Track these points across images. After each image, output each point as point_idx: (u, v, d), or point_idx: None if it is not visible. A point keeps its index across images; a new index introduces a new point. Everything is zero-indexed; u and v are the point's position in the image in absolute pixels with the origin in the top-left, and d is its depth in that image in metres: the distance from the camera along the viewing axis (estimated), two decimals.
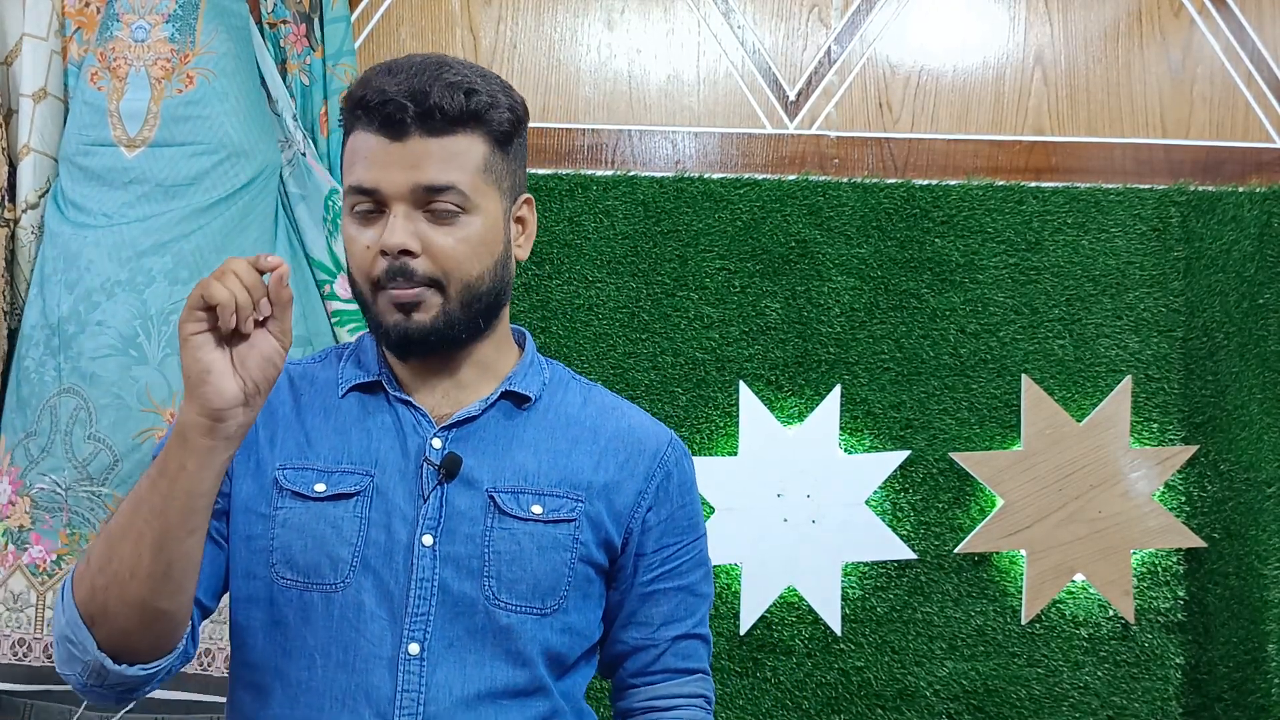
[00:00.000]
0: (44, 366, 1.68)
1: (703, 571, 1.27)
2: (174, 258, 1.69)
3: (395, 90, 1.06)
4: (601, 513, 1.17)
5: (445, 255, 1.09)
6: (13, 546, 1.72)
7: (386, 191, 1.08)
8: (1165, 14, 2.09)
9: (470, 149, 1.10)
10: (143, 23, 1.75)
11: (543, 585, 1.13)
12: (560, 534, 1.14)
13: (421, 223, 1.09)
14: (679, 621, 1.23)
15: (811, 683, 1.97)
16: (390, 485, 1.12)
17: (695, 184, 1.99)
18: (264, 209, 1.78)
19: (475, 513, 1.12)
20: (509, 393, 1.18)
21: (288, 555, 1.11)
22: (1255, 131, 2.09)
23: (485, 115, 1.10)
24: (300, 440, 1.15)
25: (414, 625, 1.09)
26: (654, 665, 1.23)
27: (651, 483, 1.21)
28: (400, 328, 1.10)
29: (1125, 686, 2.01)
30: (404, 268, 1.08)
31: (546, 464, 1.16)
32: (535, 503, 1.14)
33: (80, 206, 1.71)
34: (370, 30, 2.01)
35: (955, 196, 2.02)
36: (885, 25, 2.07)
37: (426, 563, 1.10)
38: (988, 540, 1.98)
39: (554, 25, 2.04)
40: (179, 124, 1.72)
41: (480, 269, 1.12)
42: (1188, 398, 2.04)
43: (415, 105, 1.06)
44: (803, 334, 2.00)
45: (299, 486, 1.12)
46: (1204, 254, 2.04)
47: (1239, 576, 1.99)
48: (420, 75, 1.08)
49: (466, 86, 1.09)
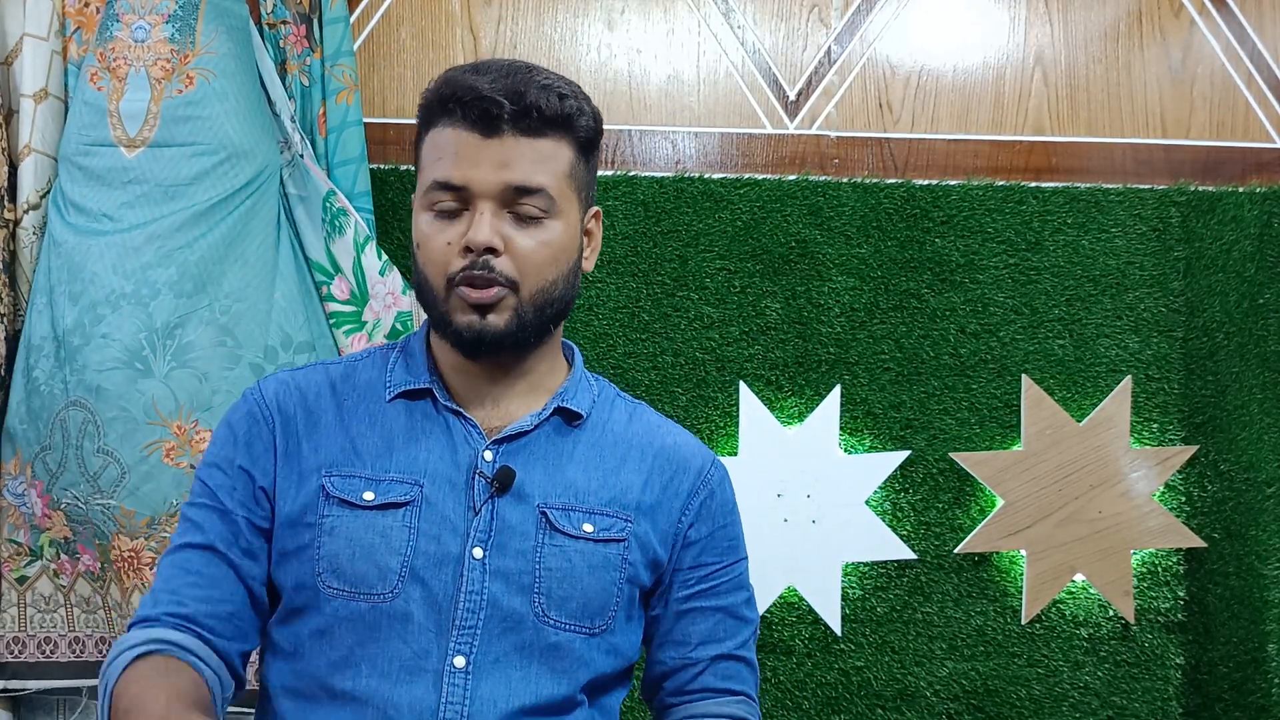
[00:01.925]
0: (53, 379, 1.69)
1: (745, 596, 1.24)
2: (178, 269, 1.68)
3: (490, 88, 1.05)
4: (649, 533, 1.17)
5: (526, 257, 1.08)
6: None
7: (476, 188, 1.07)
8: (1165, 14, 2.09)
9: (559, 153, 1.09)
10: (143, 23, 1.75)
11: (593, 605, 1.12)
12: (610, 553, 1.14)
13: (505, 223, 1.08)
14: (718, 642, 1.21)
15: (811, 683, 1.97)
16: (440, 496, 1.11)
17: (695, 184, 1.99)
18: (265, 213, 1.77)
19: (527, 528, 1.11)
20: (561, 409, 1.17)
21: (335, 564, 1.10)
22: (1255, 131, 2.09)
23: (575, 121, 1.10)
24: (346, 446, 1.14)
25: (461, 638, 1.08)
26: (692, 684, 1.21)
27: (695, 500, 1.20)
28: (474, 329, 1.09)
29: (1125, 686, 2.01)
30: (486, 265, 1.07)
31: (596, 482, 1.16)
32: (586, 521, 1.13)
33: (80, 208, 1.71)
34: (370, 31, 2.01)
35: (955, 196, 2.02)
36: (885, 25, 2.07)
37: (476, 575, 1.09)
38: (988, 540, 1.98)
39: (554, 25, 2.04)
40: (179, 124, 1.72)
41: (556, 274, 1.11)
42: (1188, 398, 2.04)
43: (511, 103, 1.05)
44: (803, 334, 2.00)
45: (347, 494, 1.11)
46: (1204, 254, 2.04)
47: (1239, 576, 1.99)
48: (513, 76, 1.07)
49: (559, 90, 1.08)
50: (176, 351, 1.67)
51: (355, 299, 1.83)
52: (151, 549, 1.69)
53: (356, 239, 1.81)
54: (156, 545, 1.68)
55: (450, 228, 1.08)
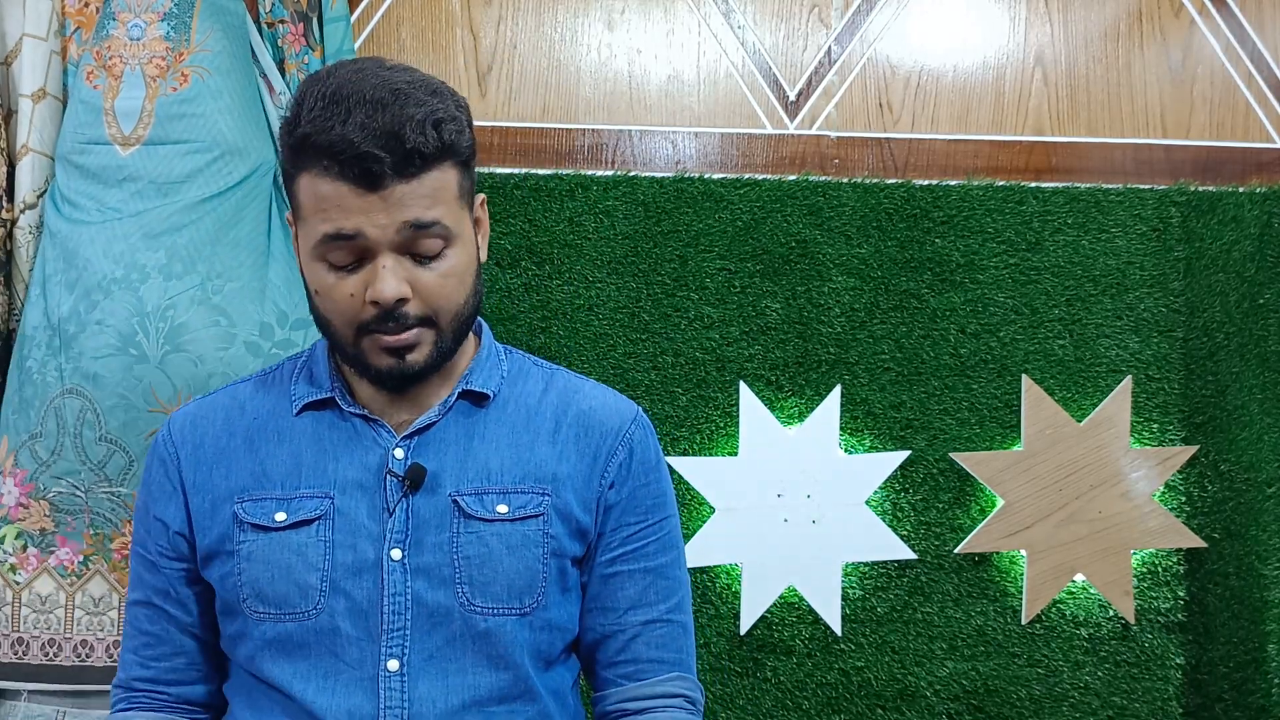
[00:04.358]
0: (46, 367, 1.68)
1: (674, 555, 1.21)
2: (167, 252, 1.68)
3: (363, 139, 0.98)
4: (570, 502, 1.14)
5: (435, 294, 1.06)
6: (34, 549, 1.71)
7: (373, 239, 1.02)
8: (1165, 14, 2.09)
9: (445, 180, 1.05)
10: (138, 21, 1.74)
11: (517, 585, 1.11)
12: (529, 530, 1.12)
13: (407, 265, 1.04)
14: (648, 606, 1.18)
15: (811, 683, 1.97)
16: (351, 504, 1.10)
17: (695, 184, 1.98)
18: (258, 205, 1.77)
19: (441, 520, 1.10)
20: (466, 392, 1.16)
21: (256, 588, 1.10)
22: (1255, 131, 2.09)
23: (457, 146, 1.05)
24: (255, 470, 1.13)
25: (391, 642, 1.08)
26: (624, 654, 1.18)
27: (613, 461, 1.17)
28: (395, 370, 1.07)
29: (1125, 687, 2.01)
30: (395, 313, 1.04)
31: (510, 460, 1.14)
32: (500, 502, 1.12)
33: (75, 204, 1.71)
34: (370, 30, 2.00)
35: (955, 196, 2.02)
36: (885, 25, 2.07)
37: (397, 577, 1.08)
38: (988, 540, 1.98)
39: (554, 25, 2.03)
40: (173, 122, 1.71)
41: (466, 295, 1.09)
42: (1188, 398, 2.04)
43: (390, 155, 0.99)
44: (803, 334, 1.99)
45: (258, 518, 1.11)
46: (1204, 254, 2.04)
47: (1239, 576, 1.99)
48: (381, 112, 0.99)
49: (434, 118, 1.02)
50: (169, 334, 1.66)
51: None
52: None
53: None
54: None
55: (350, 279, 1.05)
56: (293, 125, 1.03)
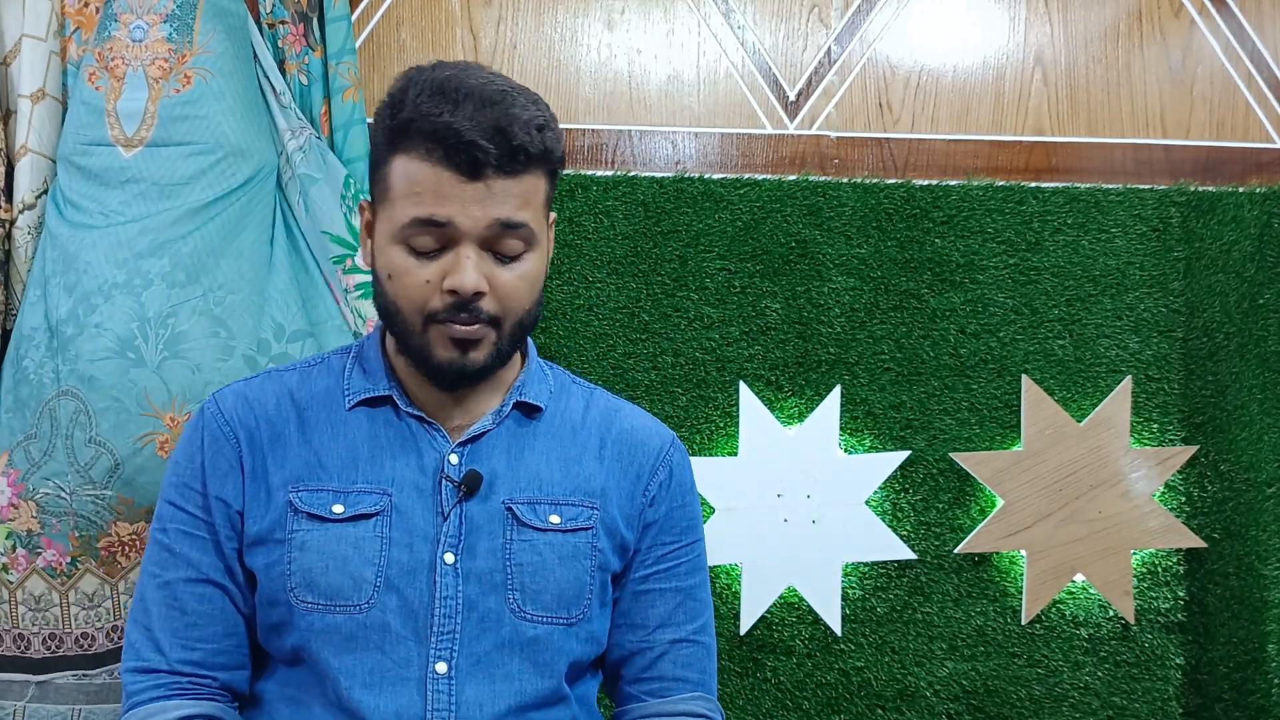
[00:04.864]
0: (43, 368, 1.68)
1: (702, 577, 1.25)
2: (171, 260, 1.68)
3: (471, 129, 1.01)
4: (615, 518, 1.17)
5: (509, 294, 1.08)
6: (23, 549, 1.71)
7: (463, 229, 1.04)
8: (1165, 14, 2.09)
9: (538, 186, 1.08)
10: (140, 22, 1.74)
11: (567, 595, 1.13)
12: (579, 542, 1.14)
13: (488, 260, 1.06)
14: (676, 625, 1.21)
15: (811, 683, 1.97)
16: (409, 504, 1.11)
17: (695, 184, 1.99)
18: (262, 209, 1.77)
19: (495, 526, 1.11)
20: (520, 403, 1.17)
21: (308, 578, 1.09)
22: (1255, 131, 2.09)
23: (554, 153, 1.08)
24: (310, 460, 1.13)
25: (440, 644, 1.08)
26: (650, 671, 1.20)
27: (654, 480, 1.21)
28: (456, 365, 1.08)
29: (1125, 687, 2.01)
30: (469, 305, 1.06)
31: (559, 472, 1.16)
32: (553, 512, 1.13)
33: (78, 206, 1.71)
34: (370, 30, 2.00)
35: (955, 196, 2.02)
36: (885, 25, 2.07)
37: (449, 580, 1.09)
38: (988, 540, 1.98)
39: (554, 25, 2.03)
40: (176, 124, 1.71)
41: (532, 302, 1.11)
42: (1188, 398, 2.04)
43: (497, 148, 1.02)
44: (803, 334, 1.99)
45: (315, 508, 1.11)
46: (1204, 254, 2.04)
47: (1239, 576, 1.99)
48: (490, 108, 1.02)
49: (538, 122, 1.05)
50: (169, 341, 1.66)
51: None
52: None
53: None
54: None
55: (429, 265, 1.06)
56: (396, 109, 1.05)
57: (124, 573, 1.70)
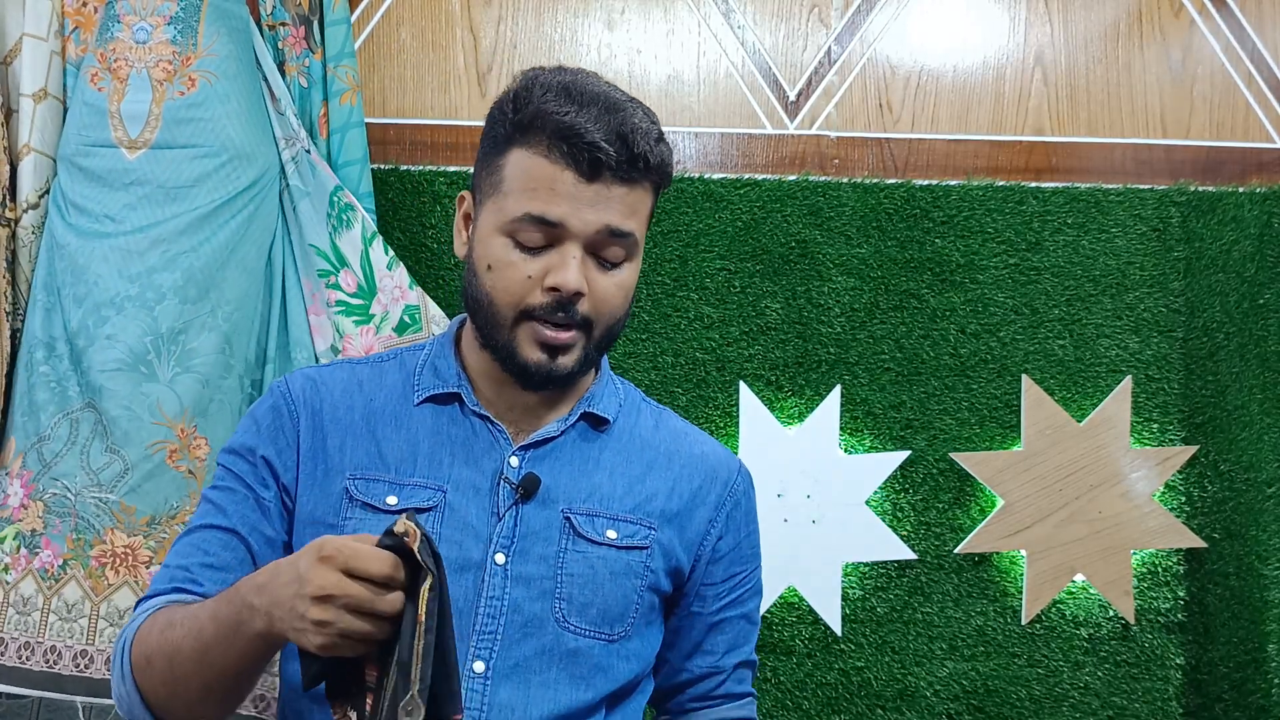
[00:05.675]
0: (67, 380, 1.68)
1: (759, 599, 1.27)
2: (183, 274, 1.68)
3: (597, 131, 1.02)
4: (673, 540, 1.16)
5: (605, 300, 1.08)
6: (25, 550, 1.72)
7: (573, 229, 1.05)
8: (1165, 14, 2.09)
9: (645, 199, 1.09)
10: (144, 24, 1.74)
11: (612, 611, 1.12)
12: (633, 560, 1.13)
13: (590, 264, 1.07)
14: (739, 649, 1.24)
15: (811, 683, 1.97)
16: (464, 502, 1.11)
17: (695, 184, 1.99)
18: (266, 216, 1.77)
19: (550, 533, 1.11)
20: (588, 414, 1.17)
21: None
22: (1255, 131, 2.09)
23: (666, 167, 1.09)
24: (371, 450, 1.13)
25: (481, 643, 1.08)
26: (716, 691, 1.23)
27: (722, 511, 1.21)
28: (544, 369, 1.08)
29: (1125, 687, 2.01)
30: (567, 305, 1.06)
31: (622, 488, 1.15)
32: (610, 527, 1.13)
33: (82, 208, 1.71)
34: (370, 31, 2.01)
35: (955, 196, 2.02)
36: (885, 25, 2.07)
37: (497, 581, 1.09)
38: (988, 540, 1.98)
39: (554, 25, 2.04)
40: (181, 126, 1.72)
41: (624, 311, 1.12)
42: (1188, 398, 2.04)
43: (618, 153, 1.03)
44: (803, 334, 2.00)
45: (370, 498, 1.11)
46: (1204, 254, 2.03)
47: (1239, 576, 1.98)
48: (614, 114, 1.04)
49: (656, 134, 1.07)
50: (181, 356, 1.67)
51: (363, 292, 1.83)
52: (149, 548, 1.68)
53: (364, 233, 1.82)
54: (155, 545, 1.68)
55: (533, 261, 1.06)
56: (521, 103, 1.06)
57: (107, 592, 1.69)
